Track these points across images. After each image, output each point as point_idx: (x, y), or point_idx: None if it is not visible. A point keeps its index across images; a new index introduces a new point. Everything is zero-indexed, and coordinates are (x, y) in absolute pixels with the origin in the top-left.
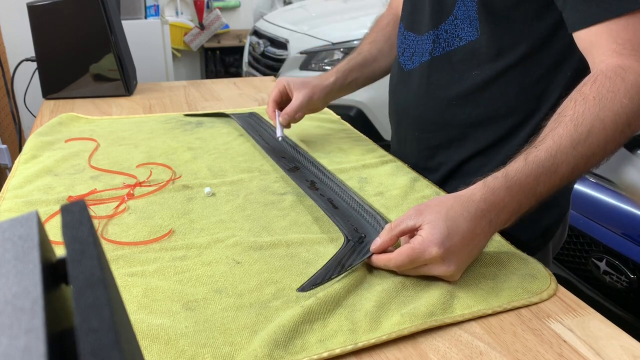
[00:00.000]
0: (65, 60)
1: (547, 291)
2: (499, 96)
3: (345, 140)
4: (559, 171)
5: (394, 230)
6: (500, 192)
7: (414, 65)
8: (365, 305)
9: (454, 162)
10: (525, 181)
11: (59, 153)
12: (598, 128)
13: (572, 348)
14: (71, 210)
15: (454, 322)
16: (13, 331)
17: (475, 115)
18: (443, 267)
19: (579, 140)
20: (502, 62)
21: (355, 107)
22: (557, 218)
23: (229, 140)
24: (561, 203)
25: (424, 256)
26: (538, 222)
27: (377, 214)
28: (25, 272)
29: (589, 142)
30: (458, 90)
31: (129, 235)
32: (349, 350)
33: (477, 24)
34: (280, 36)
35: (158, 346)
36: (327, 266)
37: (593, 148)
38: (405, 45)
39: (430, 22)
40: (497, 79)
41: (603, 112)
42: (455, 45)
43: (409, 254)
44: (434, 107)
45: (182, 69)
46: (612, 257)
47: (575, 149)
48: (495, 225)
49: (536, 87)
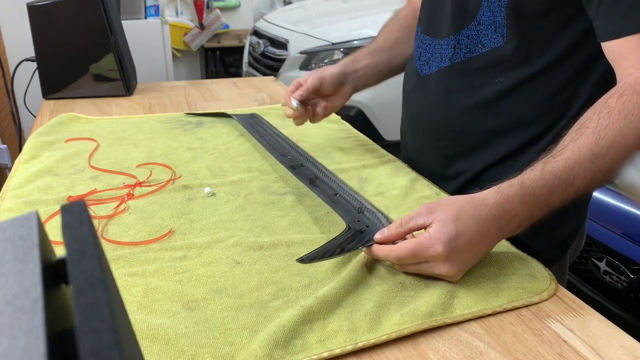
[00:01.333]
0: (65, 60)
1: (548, 291)
2: (522, 104)
3: (345, 140)
4: (574, 184)
5: (404, 226)
6: (514, 200)
7: (431, 70)
8: (365, 306)
9: (473, 170)
10: (540, 192)
11: (59, 153)
12: (620, 144)
13: (572, 348)
14: (71, 210)
15: (454, 322)
16: (13, 331)
17: (498, 123)
18: (445, 267)
19: (599, 154)
20: (527, 70)
21: (355, 107)
22: (574, 228)
23: (229, 140)
24: (580, 213)
25: (428, 252)
26: (556, 233)
27: (378, 212)
28: (25, 272)
29: (608, 157)
30: (479, 98)
31: (129, 235)
32: (348, 350)
33: (504, 30)
34: (280, 36)
35: (158, 346)
36: (328, 246)
37: (612, 163)
38: (421, 50)
39: (451, 27)
40: (520, 86)
41: (627, 128)
42: (477, 51)
43: (414, 247)
44: (454, 115)
45: (182, 69)
46: (612, 257)
47: (594, 163)
48: (504, 233)
49: (560, 95)
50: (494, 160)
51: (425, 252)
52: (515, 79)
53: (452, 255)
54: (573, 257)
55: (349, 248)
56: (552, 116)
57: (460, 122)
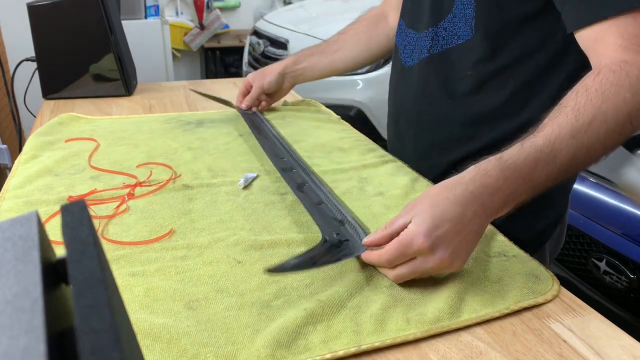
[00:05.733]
0: (65, 60)
1: (551, 292)
2: (493, 97)
3: (345, 140)
4: (557, 159)
5: (388, 228)
6: (493, 173)
7: (413, 62)
8: (370, 307)
9: (448, 162)
10: (522, 165)
11: (59, 153)
12: (599, 120)
13: (572, 348)
14: (71, 210)
15: (460, 327)
16: (13, 331)
17: (470, 115)
18: (435, 258)
19: (580, 129)
20: (496, 63)
21: (355, 107)
22: (553, 220)
23: (229, 140)
24: (558, 204)
25: (412, 248)
26: (533, 224)
27: (360, 227)
28: (25, 272)
29: (589, 133)
30: (454, 89)
31: (129, 235)
32: (352, 352)
33: (472, 23)
34: (280, 36)
35: (160, 345)
36: (301, 258)
37: (592, 140)
38: (405, 42)
39: (430, 20)
40: (491, 79)
41: (605, 104)
42: (454, 43)
43: (396, 247)
44: (431, 104)
45: (182, 69)
46: (612, 257)
47: (575, 138)
48: (490, 210)
49: (530, 89)
50: (468, 152)
51: (409, 249)
52: (485, 72)
53: (437, 245)
54: (556, 251)
55: (321, 262)
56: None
57: (436, 112)
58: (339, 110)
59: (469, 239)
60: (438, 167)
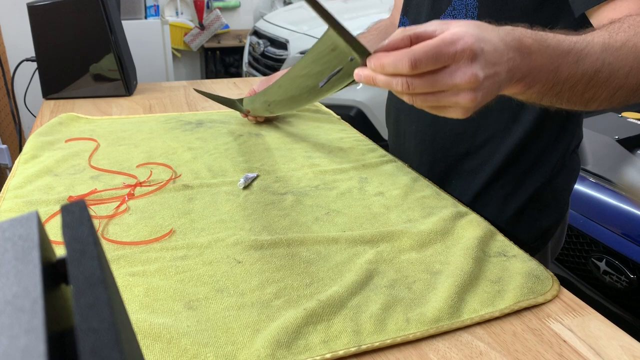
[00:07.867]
0: (65, 61)
1: (551, 292)
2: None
3: (345, 140)
4: (584, 63)
5: (407, 31)
6: (527, 35)
7: None
8: (370, 307)
9: (450, 156)
10: (555, 43)
11: (59, 153)
12: (629, 47)
13: (572, 348)
14: (71, 210)
15: (460, 327)
16: (13, 331)
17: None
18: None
19: (610, 47)
20: None
21: (355, 107)
22: (556, 219)
23: (229, 140)
24: (560, 204)
25: (454, 46)
26: (537, 223)
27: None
28: (25, 272)
29: (617, 54)
30: None
31: (129, 235)
32: (352, 352)
33: (475, 14)
34: (280, 36)
35: (160, 345)
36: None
37: (618, 64)
38: None
39: (431, 13)
40: None
41: (637, 37)
42: None
43: (435, 44)
44: None
45: (182, 69)
46: (612, 257)
47: (604, 52)
48: (514, 71)
49: None
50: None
51: (452, 47)
52: None
53: (479, 56)
54: (556, 250)
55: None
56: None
57: None
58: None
59: (494, 83)
60: (441, 162)
